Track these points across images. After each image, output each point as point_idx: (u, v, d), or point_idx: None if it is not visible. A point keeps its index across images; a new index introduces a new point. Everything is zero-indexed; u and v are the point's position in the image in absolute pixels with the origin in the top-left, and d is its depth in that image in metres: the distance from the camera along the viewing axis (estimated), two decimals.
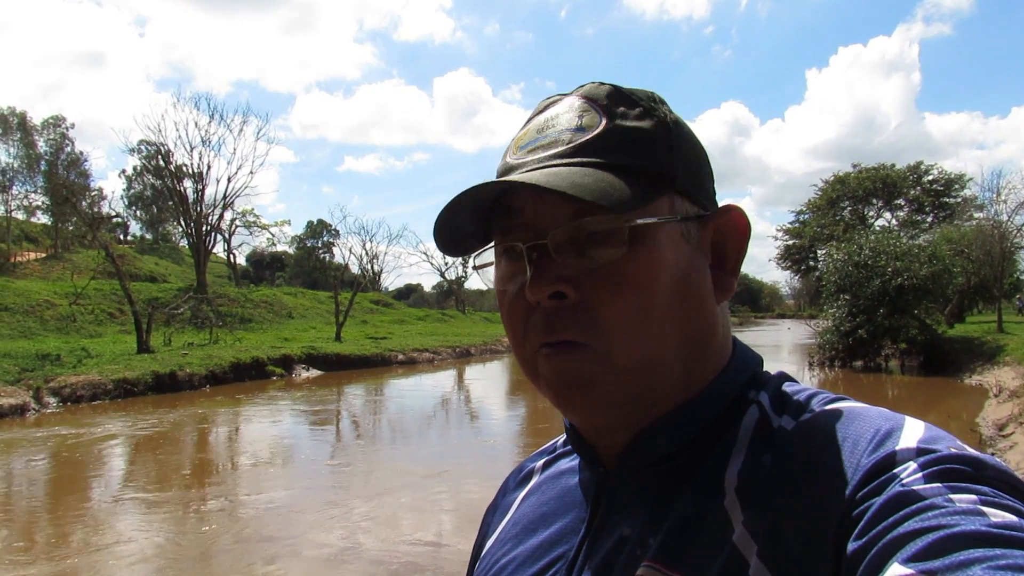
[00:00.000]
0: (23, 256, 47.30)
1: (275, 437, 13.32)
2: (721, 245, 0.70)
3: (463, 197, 0.65)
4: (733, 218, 0.70)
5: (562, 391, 0.65)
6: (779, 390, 0.68)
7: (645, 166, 0.65)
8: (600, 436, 0.71)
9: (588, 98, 0.68)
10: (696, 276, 0.67)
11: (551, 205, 0.64)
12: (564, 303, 0.63)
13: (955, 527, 0.45)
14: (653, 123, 0.67)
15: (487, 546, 0.83)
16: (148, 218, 65.37)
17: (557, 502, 0.77)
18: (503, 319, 0.71)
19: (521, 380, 25.77)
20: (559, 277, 0.63)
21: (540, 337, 0.65)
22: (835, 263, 24.50)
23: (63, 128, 52.67)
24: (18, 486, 9.81)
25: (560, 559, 0.70)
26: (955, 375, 20.75)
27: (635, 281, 0.63)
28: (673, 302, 0.64)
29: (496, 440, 13.24)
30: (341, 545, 7.04)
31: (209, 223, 41.15)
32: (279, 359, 23.68)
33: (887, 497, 0.50)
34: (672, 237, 0.65)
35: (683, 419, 0.66)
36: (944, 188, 43.01)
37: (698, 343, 0.67)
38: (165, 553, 6.92)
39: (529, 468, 0.88)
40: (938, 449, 0.53)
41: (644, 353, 0.63)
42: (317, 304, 42.58)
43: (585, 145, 0.65)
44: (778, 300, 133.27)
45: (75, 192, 42.66)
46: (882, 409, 0.61)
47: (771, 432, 0.63)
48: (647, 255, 0.63)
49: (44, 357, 18.77)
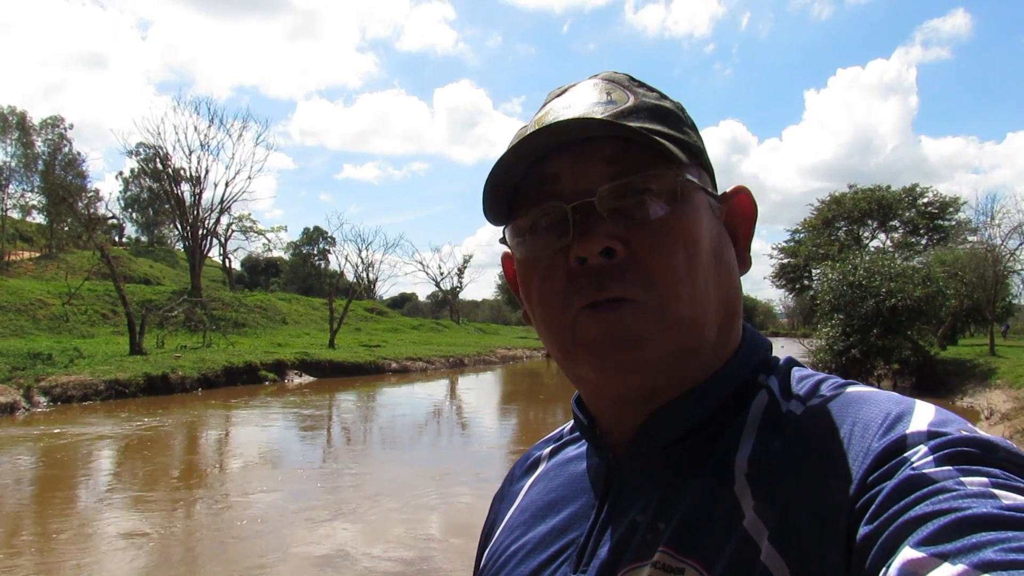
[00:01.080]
0: (17, 255, 47.21)
1: (266, 441, 13.29)
2: (733, 225, 0.72)
3: (520, 147, 0.64)
4: (742, 199, 0.73)
5: (609, 349, 0.63)
6: (788, 375, 0.68)
7: (679, 136, 0.67)
8: (619, 414, 0.70)
9: (610, 80, 0.71)
10: (725, 245, 0.69)
11: (593, 165, 0.65)
12: (612, 261, 0.63)
13: (967, 510, 0.45)
14: (673, 104, 0.70)
15: (495, 534, 0.83)
16: (144, 220, 65.39)
17: (565, 488, 0.77)
18: (535, 291, 0.69)
19: (514, 391, 25.76)
20: (608, 233, 0.63)
21: (589, 296, 0.63)
22: (829, 282, 24.55)
23: (61, 128, 52.77)
24: (4, 484, 9.75)
25: (570, 545, 0.70)
26: (947, 397, 20.85)
27: (684, 237, 0.64)
28: (712, 264, 0.66)
29: (488, 447, 13.23)
30: (330, 550, 7.02)
31: (205, 227, 41.13)
32: (272, 364, 23.65)
33: (898, 481, 0.50)
34: (704, 205, 0.67)
35: (694, 401, 0.66)
36: (939, 211, 43.17)
37: (730, 310, 0.68)
38: (152, 555, 6.90)
39: (536, 456, 0.88)
40: (949, 432, 0.52)
41: (692, 309, 0.63)
42: (311, 311, 42.54)
43: (620, 114, 0.66)
44: (772, 318, 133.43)
45: (72, 193, 42.67)
46: (892, 393, 0.60)
47: (780, 417, 0.63)
48: (691, 214, 0.65)
49: (36, 356, 18.71)
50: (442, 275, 67.12)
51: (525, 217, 0.68)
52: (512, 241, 0.71)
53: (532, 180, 0.67)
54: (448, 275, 67.16)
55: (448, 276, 67.22)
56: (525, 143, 0.64)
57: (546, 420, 17.85)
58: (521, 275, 0.71)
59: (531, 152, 0.66)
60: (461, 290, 69.58)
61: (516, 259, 0.72)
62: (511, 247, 0.72)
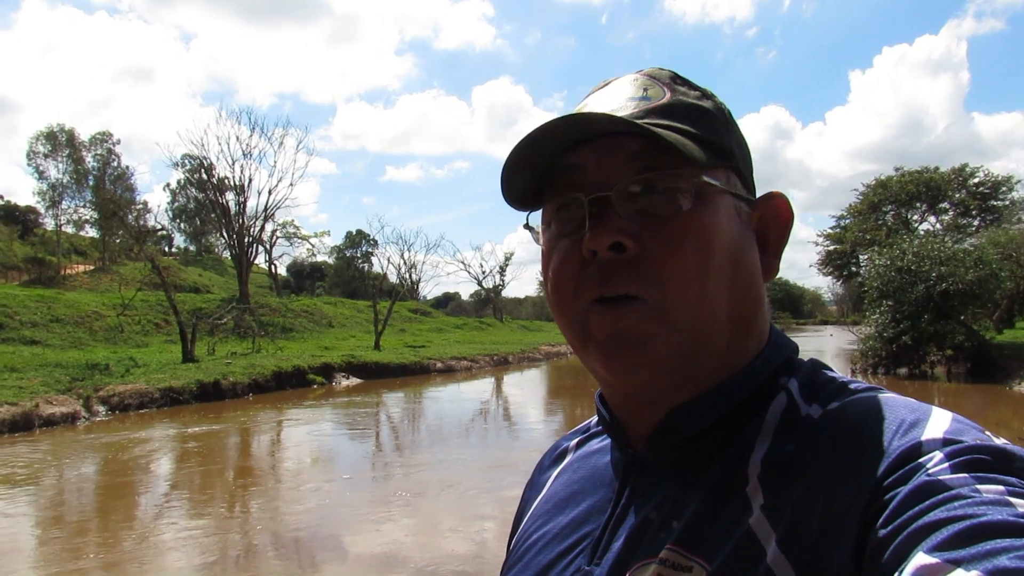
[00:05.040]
0: (73, 269, 48.65)
1: (317, 444, 13.51)
2: (765, 231, 0.73)
3: (536, 133, 0.65)
4: (777, 205, 0.73)
5: (613, 348, 0.65)
6: (809, 377, 0.68)
7: (708, 137, 0.67)
8: (634, 410, 0.71)
9: (651, 76, 0.71)
10: (748, 250, 0.69)
11: (616, 159, 0.66)
12: (622, 256, 0.64)
13: (981, 517, 0.45)
14: (712, 104, 0.70)
15: (523, 521, 0.86)
16: (192, 230, 66.72)
17: (587, 481, 0.79)
18: (549, 280, 0.70)
19: (561, 386, 25.75)
20: (619, 229, 0.63)
21: (595, 290, 0.65)
22: (877, 268, 24.07)
23: (110, 144, 54.11)
24: (70, 491, 10.11)
25: (587, 537, 0.71)
26: (1004, 382, 20.21)
27: (697, 238, 0.64)
28: (727, 268, 0.65)
29: (538, 446, 13.27)
30: (386, 547, 7.14)
31: (251, 235, 41.83)
32: (319, 367, 23.97)
33: (913, 486, 0.49)
34: (728, 208, 0.67)
35: (711, 402, 0.66)
36: (991, 191, 41.85)
37: (745, 315, 0.68)
38: (209, 554, 7.08)
39: (564, 447, 0.90)
40: (964, 440, 0.53)
41: (699, 312, 0.64)
42: (356, 313, 42.99)
43: (651, 110, 0.67)
44: (820, 306, 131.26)
45: (122, 206, 43.91)
46: (909, 399, 0.61)
47: (797, 419, 0.64)
48: (709, 215, 0.65)
49: (93, 367, 19.24)
50: (484, 274, 67.31)
51: (550, 204, 0.70)
52: (538, 227, 0.74)
53: (559, 168, 0.69)
54: (490, 273, 67.31)
55: (490, 274, 67.39)
56: (543, 131, 0.64)
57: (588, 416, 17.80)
58: (543, 261, 0.73)
59: (556, 142, 0.67)
60: (503, 288, 69.64)
61: (541, 245, 0.74)
62: (535, 233, 0.75)
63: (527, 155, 0.67)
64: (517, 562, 0.79)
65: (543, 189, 0.71)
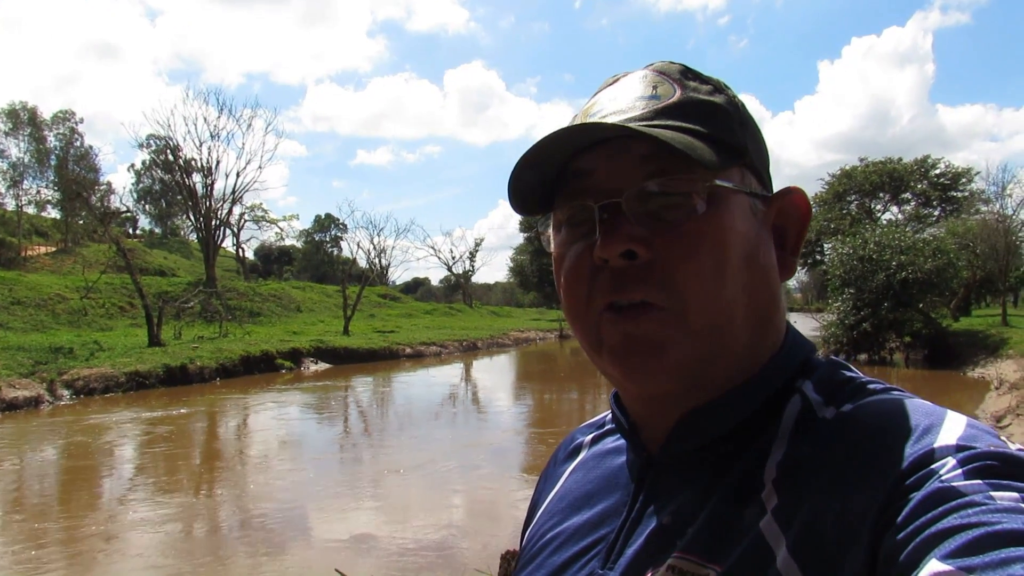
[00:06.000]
0: (34, 250, 47.62)
1: (284, 428, 13.55)
2: (782, 227, 0.71)
3: (545, 141, 0.64)
4: (795, 200, 0.72)
5: (628, 357, 0.64)
6: (826, 378, 0.67)
7: (720, 136, 0.65)
8: (649, 413, 0.71)
9: (660, 72, 0.70)
10: (764, 249, 0.68)
11: (626, 164, 0.64)
12: (633, 263, 0.63)
13: (996, 524, 0.44)
14: (724, 99, 0.69)
15: (537, 514, 0.85)
16: (157, 212, 65.85)
17: (601, 482, 0.78)
18: (561, 287, 0.69)
19: (530, 371, 25.98)
20: (631, 236, 0.62)
21: (607, 297, 0.64)
22: (841, 257, 24.53)
23: (72, 123, 53.00)
24: (32, 477, 10.06)
25: (602, 540, 0.70)
26: (959, 368, 20.85)
27: (711, 242, 0.63)
28: (743, 270, 0.64)
29: (505, 432, 13.42)
30: (354, 530, 7.25)
31: (218, 217, 41.30)
32: (288, 352, 23.91)
33: (926, 492, 0.49)
34: (742, 208, 0.66)
35: (727, 406, 0.66)
36: (951, 182, 42.85)
37: (763, 316, 0.67)
38: (174, 540, 7.13)
39: (579, 441, 0.89)
40: (978, 446, 0.52)
41: (717, 316, 0.63)
42: (325, 298, 42.78)
43: (661, 111, 0.65)
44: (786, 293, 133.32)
45: (85, 187, 43.02)
46: (925, 403, 0.60)
47: (813, 423, 0.63)
48: (722, 218, 0.64)
49: (57, 350, 19.01)
50: (454, 259, 67.36)
51: (561, 210, 0.69)
52: (549, 232, 0.73)
53: (568, 173, 0.68)
54: (460, 259, 67.39)
55: (460, 260, 67.45)
56: (552, 139, 0.64)
57: (560, 401, 18.06)
58: (555, 267, 0.71)
59: (564, 148, 0.66)
60: (473, 274, 69.78)
61: (551, 250, 0.73)
62: (546, 239, 0.74)
63: (536, 161, 0.66)
64: (531, 561, 0.78)
65: (552, 194, 0.70)
